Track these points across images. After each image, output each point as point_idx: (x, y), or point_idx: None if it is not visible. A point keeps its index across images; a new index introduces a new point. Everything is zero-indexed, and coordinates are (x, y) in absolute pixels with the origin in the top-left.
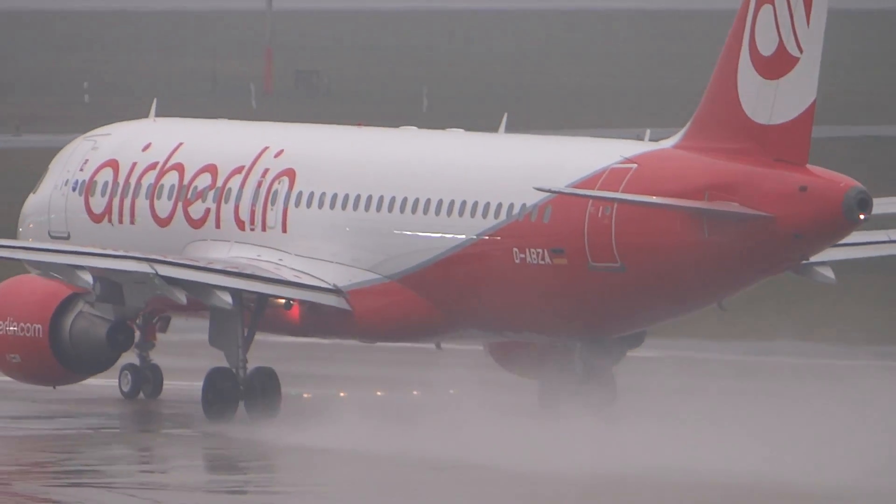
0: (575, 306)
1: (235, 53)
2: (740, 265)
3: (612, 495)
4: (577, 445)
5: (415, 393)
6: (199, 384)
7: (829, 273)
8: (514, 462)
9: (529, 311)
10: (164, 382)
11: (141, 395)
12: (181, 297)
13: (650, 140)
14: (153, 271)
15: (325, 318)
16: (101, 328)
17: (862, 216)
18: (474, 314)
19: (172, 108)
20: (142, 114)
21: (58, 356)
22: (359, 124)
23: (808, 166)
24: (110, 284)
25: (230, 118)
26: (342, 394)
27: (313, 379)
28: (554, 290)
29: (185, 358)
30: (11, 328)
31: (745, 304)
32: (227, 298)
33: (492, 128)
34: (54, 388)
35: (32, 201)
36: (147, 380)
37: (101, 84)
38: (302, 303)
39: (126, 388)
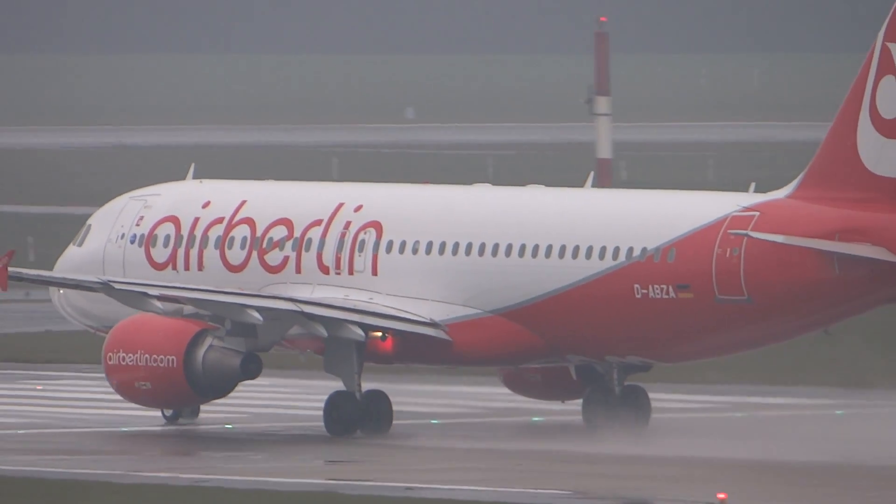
0: (697, 333)
1: None
2: (867, 298)
3: None
4: None
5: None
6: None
7: None
8: None
9: (647, 338)
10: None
11: (180, 419)
12: (322, 330)
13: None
14: (300, 310)
15: (422, 347)
16: (234, 359)
17: None
18: (584, 342)
19: None
20: None
21: (190, 383)
22: (425, 182)
23: None
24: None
25: None
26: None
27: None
28: (679, 319)
29: None
30: (143, 359)
31: None
32: (360, 332)
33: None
34: (170, 413)
35: (78, 253)
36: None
37: None
38: (397, 334)
39: (168, 414)
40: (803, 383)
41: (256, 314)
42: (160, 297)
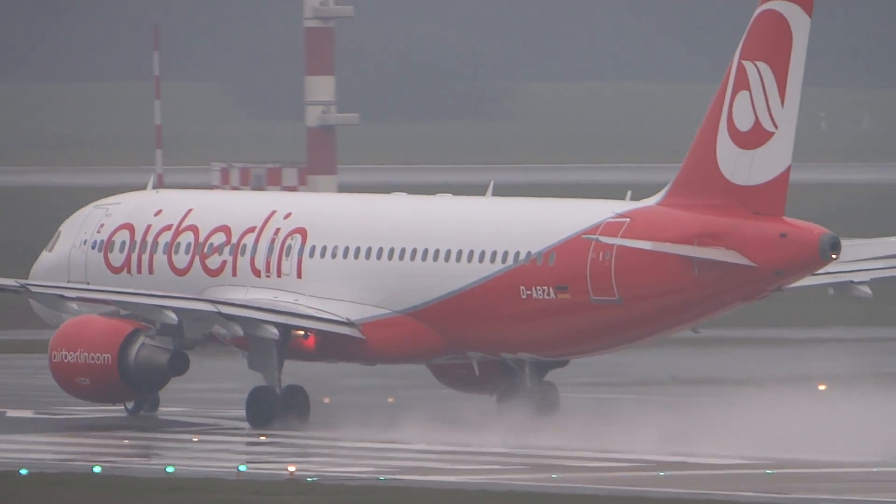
0: (576, 331)
1: None
2: (724, 297)
3: None
4: None
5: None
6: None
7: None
8: None
9: (533, 336)
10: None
11: (141, 412)
12: (238, 330)
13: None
14: (217, 310)
15: (340, 345)
16: (163, 356)
17: (833, 256)
18: (478, 340)
19: None
20: None
21: (124, 379)
22: (353, 191)
23: (784, 217)
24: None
25: None
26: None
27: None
28: (559, 319)
29: None
30: (82, 357)
31: None
32: (275, 330)
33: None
34: (131, 406)
35: (49, 258)
36: (146, 399)
37: None
38: (318, 332)
39: (130, 407)
40: None
41: (172, 314)
42: (77, 300)
